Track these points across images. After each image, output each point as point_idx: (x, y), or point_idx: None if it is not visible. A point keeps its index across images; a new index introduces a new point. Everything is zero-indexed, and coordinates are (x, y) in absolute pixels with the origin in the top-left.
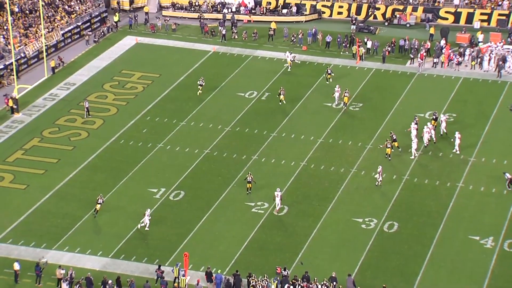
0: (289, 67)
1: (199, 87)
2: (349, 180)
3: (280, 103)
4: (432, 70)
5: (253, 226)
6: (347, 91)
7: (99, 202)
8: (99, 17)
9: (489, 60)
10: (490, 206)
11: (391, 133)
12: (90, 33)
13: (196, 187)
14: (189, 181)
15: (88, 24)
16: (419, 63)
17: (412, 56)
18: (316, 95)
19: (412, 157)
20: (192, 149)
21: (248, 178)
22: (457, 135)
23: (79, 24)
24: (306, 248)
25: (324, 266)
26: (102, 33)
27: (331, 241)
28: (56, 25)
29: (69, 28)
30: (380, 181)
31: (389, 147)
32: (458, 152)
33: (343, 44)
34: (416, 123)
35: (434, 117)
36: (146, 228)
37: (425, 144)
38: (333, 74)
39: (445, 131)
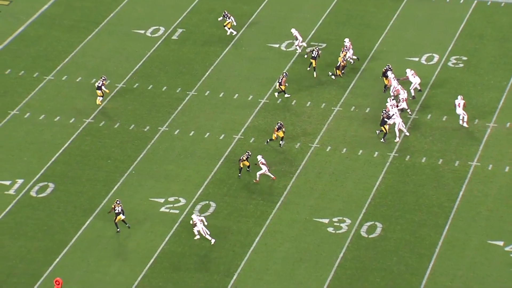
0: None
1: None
2: (308, 161)
3: (285, 95)
4: None
5: (163, 234)
6: (317, 49)
7: None
8: None
9: None
10: None
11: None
12: None
13: (72, 177)
14: (60, 167)
15: None
16: None
17: None
18: (255, 31)
19: (396, 139)
20: (65, 118)
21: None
22: (459, 101)
23: None
24: (244, 265)
25: None
26: None
27: (282, 254)
28: None
29: None
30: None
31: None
32: (466, 126)
33: None
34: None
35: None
36: None
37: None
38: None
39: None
